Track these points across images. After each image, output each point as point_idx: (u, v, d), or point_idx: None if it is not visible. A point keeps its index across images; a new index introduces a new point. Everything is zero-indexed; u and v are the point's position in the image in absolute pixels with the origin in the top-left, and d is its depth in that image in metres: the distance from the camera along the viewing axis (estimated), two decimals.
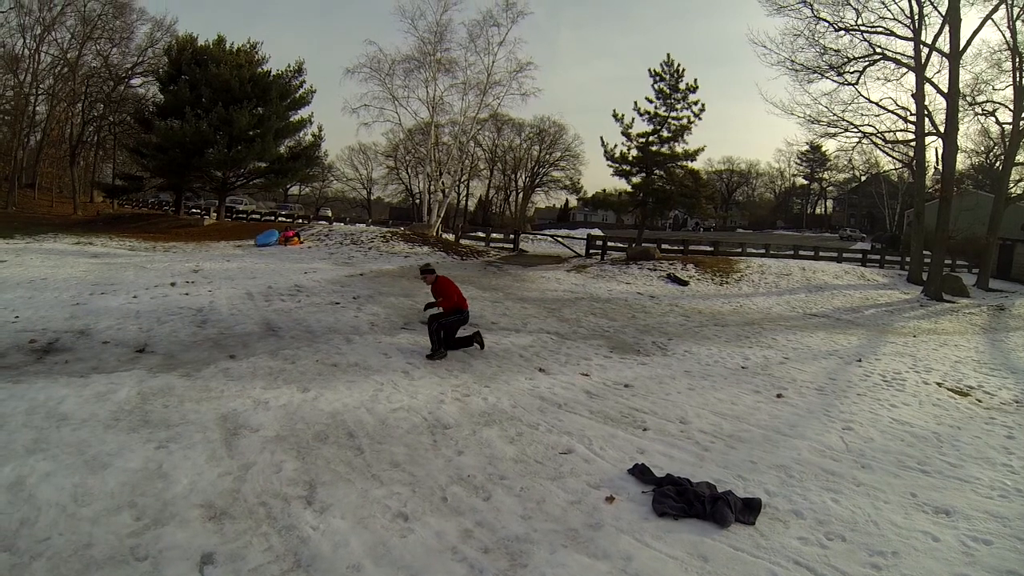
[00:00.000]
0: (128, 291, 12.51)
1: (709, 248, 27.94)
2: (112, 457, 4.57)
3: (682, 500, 4.34)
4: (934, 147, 26.85)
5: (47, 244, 24.25)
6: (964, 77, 23.14)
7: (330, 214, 56.79)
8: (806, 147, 77.50)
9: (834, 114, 25.85)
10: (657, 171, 32.70)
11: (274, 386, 6.60)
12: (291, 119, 39.27)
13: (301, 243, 27.51)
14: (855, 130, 25.91)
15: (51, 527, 3.64)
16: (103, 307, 10.68)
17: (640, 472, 4.86)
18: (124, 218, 41.29)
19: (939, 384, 9.12)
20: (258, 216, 42.22)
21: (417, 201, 55.24)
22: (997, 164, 40.97)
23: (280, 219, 40.05)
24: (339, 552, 3.57)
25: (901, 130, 25.61)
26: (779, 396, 7.72)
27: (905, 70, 24.39)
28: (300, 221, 38.26)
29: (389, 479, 4.56)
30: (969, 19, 22.87)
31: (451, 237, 30.76)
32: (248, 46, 39.15)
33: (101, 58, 48.01)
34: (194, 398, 6.03)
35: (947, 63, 22.09)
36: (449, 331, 8.73)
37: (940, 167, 25.51)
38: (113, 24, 47.77)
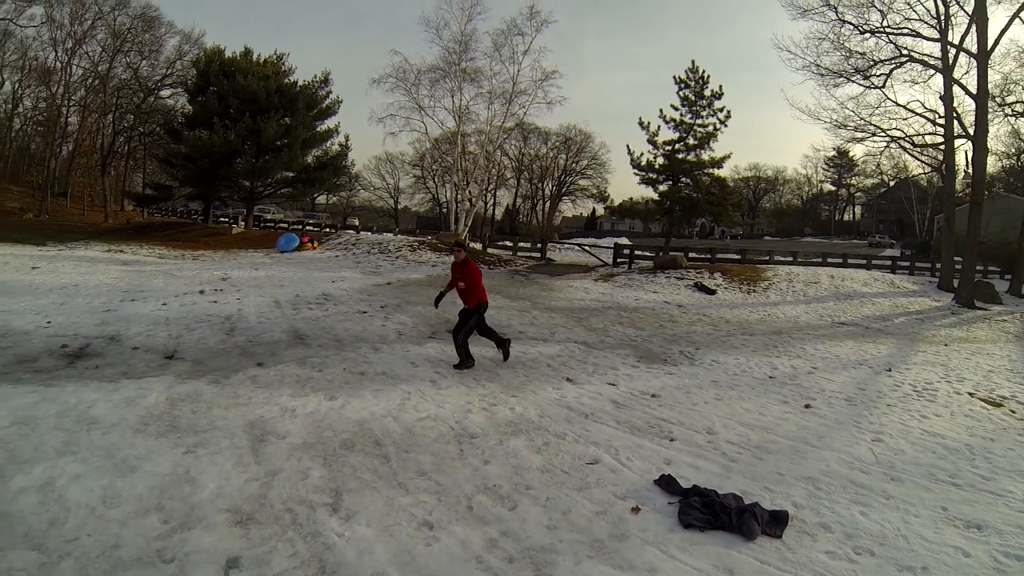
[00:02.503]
0: (158, 298, 12.70)
1: (736, 256, 27.78)
2: (141, 461, 4.63)
3: (708, 512, 4.29)
4: (964, 150, 26.34)
5: (79, 251, 24.72)
6: (993, 77, 22.66)
7: (357, 223, 57.21)
8: (833, 152, 76.80)
9: (861, 118, 25.44)
10: (683, 179, 32.60)
11: (301, 394, 6.64)
12: (318, 129, 39.68)
13: (315, 248, 27.95)
14: (883, 134, 25.46)
15: (80, 528, 3.69)
16: (133, 314, 10.84)
17: (666, 483, 4.82)
18: (154, 226, 41.93)
19: (971, 394, 8.94)
20: (286, 225, 42.71)
21: (444, 210, 55.47)
22: None
23: (308, 228, 40.48)
24: (364, 559, 3.57)
25: (930, 133, 25.12)
26: (807, 406, 7.61)
27: (932, 72, 24.01)
28: (328, 230, 38.65)
29: (415, 487, 4.56)
30: (996, 18, 22.45)
31: (478, 246, 30.88)
32: (275, 57, 39.69)
33: (131, 70, 49.08)
34: (222, 404, 6.09)
35: (975, 63, 21.72)
36: (479, 330, 8.67)
37: (970, 170, 25.04)
38: (142, 37, 48.90)
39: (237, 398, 6.33)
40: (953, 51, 22.65)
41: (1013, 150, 48.99)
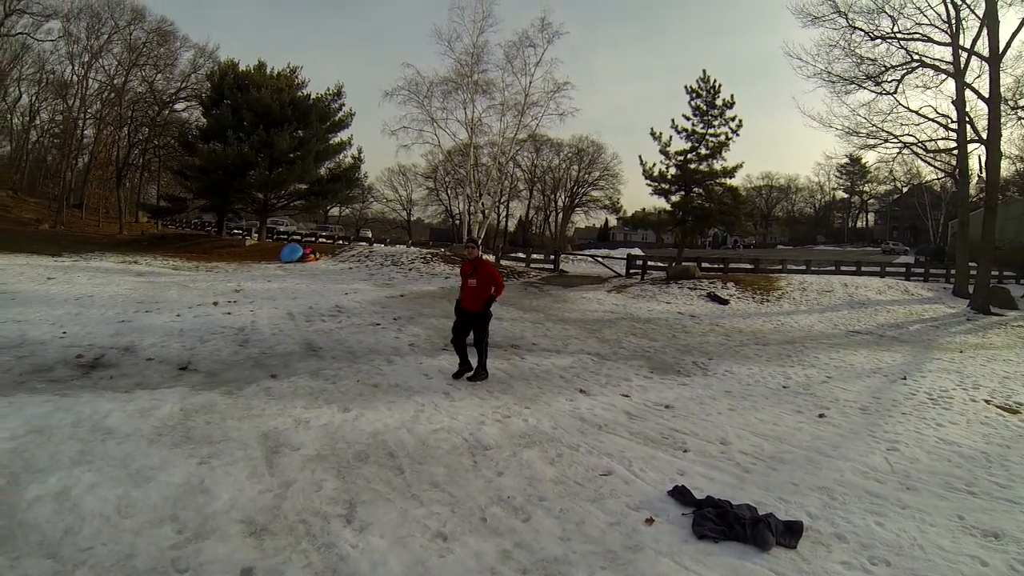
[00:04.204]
0: (171, 309, 12.80)
1: (749, 266, 27.69)
2: (155, 471, 4.65)
3: (722, 523, 4.27)
4: (977, 154, 26.13)
5: (94, 262, 25.01)
6: (1005, 81, 22.49)
7: (370, 235, 57.45)
8: (845, 160, 76.50)
9: (873, 125, 25.28)
10: (696, 189, 32.55)
11: (315, 405, 6.65)
12: (331, 141, 39.98)
13: (317, 259, 28.24)
14: (895, 140, 25.25)
15: (94, 537, 3.71)
16: (147, 325, 10.93)
17: (680, 494, 4.80)
18: (168, 238, 42.35)
19: (987, 401, 8.84)
20: (299, 237, 42.98)
21: (457, 222, 55.51)
22: None
23: (321, 240, 40.83)
24: (378, 571, 3.57)
25: (942, 138, 24.86)
26: (821, 416, 7.56)
27: (944, 76, 23.87)
28: (341, 242, 38.92)
29: (429, 499, 4.56)
30: (1008, 20, 22.38)
31: (492, 258, 30.93)
32: (288, 70, 40.08)
33: (146, 84, 49.79)
34: (236, 416, 6.11)
35: (987, 67, 21.63)
36: (458, 338, 8.39)
37: (984, 175, 24.86)
38: (158, 51, 49.71)
39: (251, 409, 6.36)
40: (964, 55, 22.54)
41: None
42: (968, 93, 22.63)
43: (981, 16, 21.59)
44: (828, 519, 4.56)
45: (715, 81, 31.71)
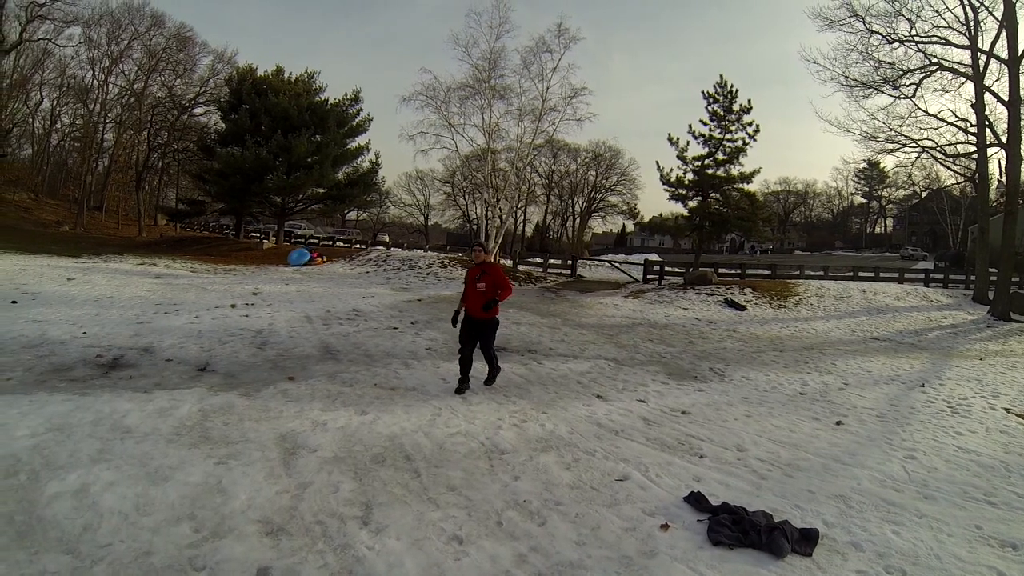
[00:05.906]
0: (190, 311, 12.91)
1: (766, 271, 27.52)
2: (173, 470, 4.69)
3: (737, 529, 4.25)
4: (997, 159, 25.91)
5: (113, 264, 25.25)
6: None
7: (387, 239, 57.68)
8: (863, 164, 75.88)
9: (891, 129, 25.03)
10: (713, 194, 32.46)
11: (332, 408, 6.68)
12: (348, 146, 40.16)
13: (324, 263, 28.49)
14: (913, 145, 24.96)
15: (113, 534, 3.75)
16: (166, 326, 11.03)
17: (696, 500, 4.78)
18: (186, 241, 42.73)
19: (1007, 410, 8.72)
20: (316, 241, 43.20)
21: (475, 227, 55.66)
22: None
23: (338, 244, 41.10)
24: (394, 572, 3.58)
25: (962, 142, 24.58)
26: (839, 423, 7.50)
27: (963, 80, 23.61)
28: (358, 246, 39.17)
29: (445, 502, 4.57)
30: None
31: (509, 263, 30.93)
32: (306, 76, 40.36)
33: (165, 88, 50.30)
34: (253, 417, 6.15)
35: (1006, 70, 21.41)
36: (465, 349, 7.96)
37: (1004, 179, 24.59)
38: (177, 57, 50.25)
39: (268, 411, 6.40)
40: (983, 58, 22.30)
41: None
42: (987, 96, 22.42)
43: (999, 18, 21.37)
44: (844, 527, 4.53)
45: (732, 86, 31.66)
